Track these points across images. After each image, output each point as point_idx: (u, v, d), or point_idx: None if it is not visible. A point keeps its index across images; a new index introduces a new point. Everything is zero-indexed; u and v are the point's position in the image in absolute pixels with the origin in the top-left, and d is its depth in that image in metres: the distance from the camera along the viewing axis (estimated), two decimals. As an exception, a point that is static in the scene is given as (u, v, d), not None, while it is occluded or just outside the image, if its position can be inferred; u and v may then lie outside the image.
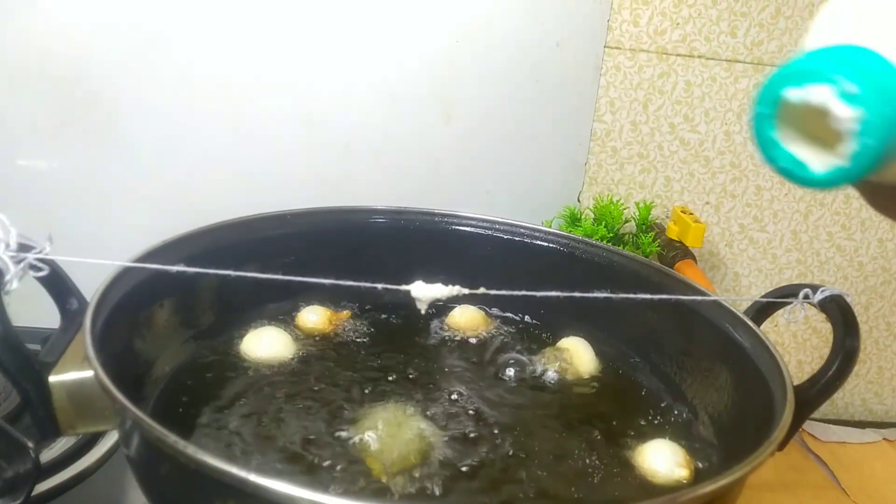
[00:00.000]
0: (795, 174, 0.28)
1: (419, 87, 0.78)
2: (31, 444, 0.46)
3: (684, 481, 0.49)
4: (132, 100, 0.75)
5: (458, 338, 0.64)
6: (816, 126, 0.27)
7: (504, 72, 0.78)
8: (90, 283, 0.47)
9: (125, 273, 0.49)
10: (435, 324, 0.65)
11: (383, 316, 0.65)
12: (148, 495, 0.43)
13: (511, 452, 0.50)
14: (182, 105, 0.76)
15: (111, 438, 0.60)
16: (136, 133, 0.76)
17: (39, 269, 0.44)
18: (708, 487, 0.37)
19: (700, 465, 0.51)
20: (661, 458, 0.49)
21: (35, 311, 0.54)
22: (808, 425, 0.85)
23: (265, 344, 0.57)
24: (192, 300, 0.57)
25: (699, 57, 0.79)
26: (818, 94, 0.27)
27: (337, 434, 0.49)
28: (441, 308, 0.65)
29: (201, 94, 0.76)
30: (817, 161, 0.28)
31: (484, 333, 0.65)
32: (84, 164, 0.77)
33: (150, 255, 0.51)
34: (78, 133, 0.75)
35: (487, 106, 0.79)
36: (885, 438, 0.85)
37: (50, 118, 0.75)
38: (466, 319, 0.65)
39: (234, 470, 0.33)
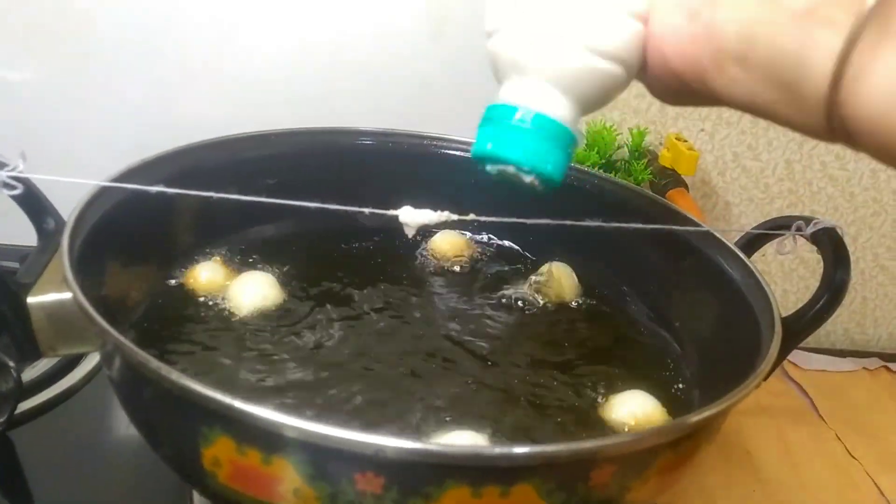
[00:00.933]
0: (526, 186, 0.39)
1: (406, 3, 0.75)
2: (11, 363, 0.46)
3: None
4: (106, 10, 0.72)
5: (442, 265, 0.63)
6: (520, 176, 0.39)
7: (498, -13, 0.75)
8: (67, 201, 0.46)
9: (103, 192, 0.47)
10: (418, 250, 0.64)
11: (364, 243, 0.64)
12: (132, 417, 0.43)
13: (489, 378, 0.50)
14: (159, 16, 0.73)
15: (95, 357, 0.60)
16: (111, 45, 0.73)
17: (13, 188, 0.42)
18: (694, 418, 0.37)
19: (683, 395, 0.52)
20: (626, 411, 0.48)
21: (11, 228, 0.53)
22: (790, 353, 0.86)
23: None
24: (173, 221, 0.56)
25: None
26: (505, 169, 0.38)
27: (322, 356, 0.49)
28: (424, 233, 0.65)
29: (179, 7, 0.72)
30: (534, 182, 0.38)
31: (467, 259, 0.64)
32: (57, 76, 0.74)
33: (128, 175, 0.49)
34: (50, 42, 0.72)
35: (478, 23, 0.76)
36: (864, 367, 0.86)
37: (19, 26, 0.72)
38: (449, 245, 0.64)
39: (218, 396, 0.33)
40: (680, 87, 0.35)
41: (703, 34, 0.31)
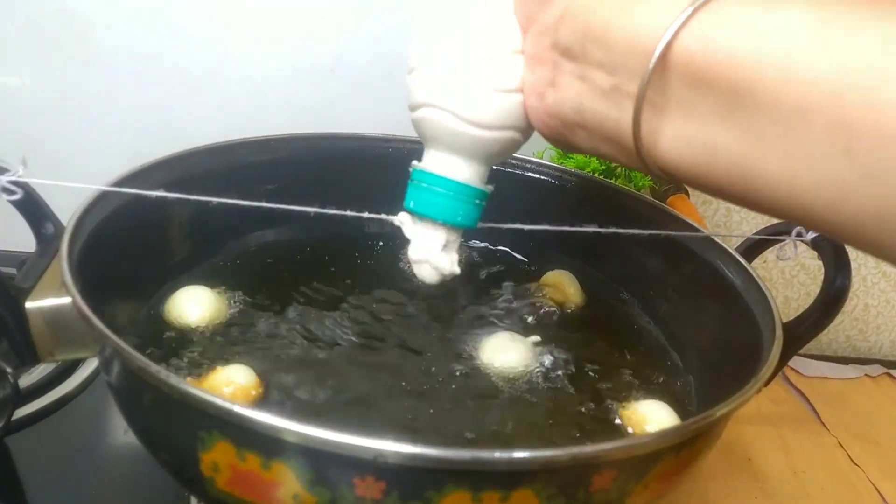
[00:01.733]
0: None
1: (407, 9, 0.75)
2: (9, 369, 0.46)
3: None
4: (106, 17, 0.72)
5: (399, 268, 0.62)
6: None
7: (498, -6, 0.75)
8: (66, 206, 0.46)
9: (102, 197, 0.47)
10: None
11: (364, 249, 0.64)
12: (130, 423, 0.42)
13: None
14: (159, 23, 0.73)
15: (92, 363, 0.60)
16: (111, 52, 0.73)
17: (12, 193, 0.42)
18: (695, 423, 0.36)
19: (685, 400, 0.51)
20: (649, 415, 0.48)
21: (10, 233, 0.53)
22: (791, 360, 0.85)
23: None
24: (172, 227, 0.56)
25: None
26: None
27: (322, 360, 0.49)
28: (379, 236, 0.65)
29: (179, 12, 0.73)
30: None
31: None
32: (58, 83, 0.74)
33: (128, 180, 0.49)
34: (51, 49, 0.72)
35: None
36: (866, 374, 0.86)
37: (21, 34, 0.72)
38: None
39: (218, 401, 0.32)
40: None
41: (552, 109, 0.38)
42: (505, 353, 0.52)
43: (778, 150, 0.28)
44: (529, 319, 0.58)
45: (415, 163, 0.45)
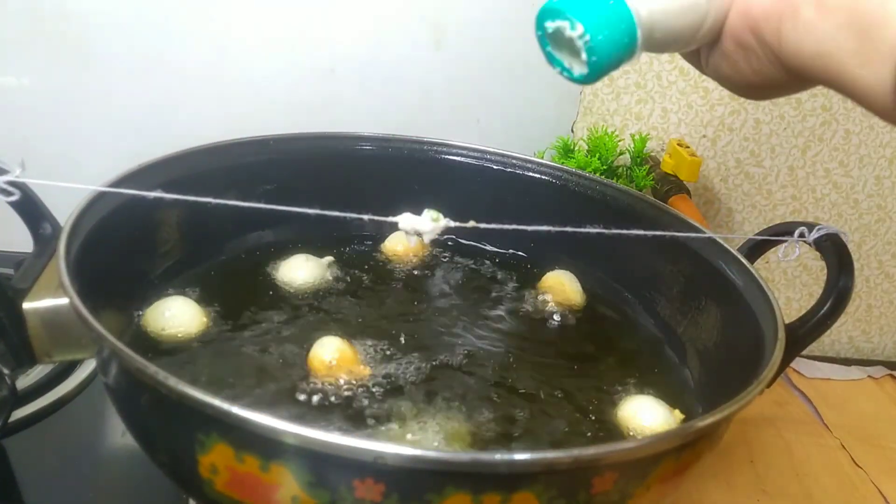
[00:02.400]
0: (565, 75, 0.40)
1: (407, 9, 0.75)
2: (6, 371, 0.45)
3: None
4: (104, 16, 0.72)
5: (400, 266, 0.63)
6: (572, 43, 0.38)
7: (497, -6, 0.75)
8: (63, 206, 0.46)
9: (100, 198, 0.47)
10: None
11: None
12: (128, 424, 0.42)
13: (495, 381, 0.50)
14: (157, 22, 0.72)
15: (90, 364, 0.60)
16: (109, 51, 0.73)
17: (10, 194, 0.42)
18: (696, 425, 0.36)
19: (687, 402, 0.51)
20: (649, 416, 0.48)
21: (7, 234, 0.53)
22: (794, 361, 0.85)
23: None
24: (170, 227, 0.56)
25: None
26: (562, 26, 0.37)
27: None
28: (377, 237, 0.64)
29: (177, 12, 0.72)
30: (576, 66, 0.39)
31: (423, 260, 0.63)
32: (56, 82, 0.73)
33: (125, 180, 0.49)
34: (49, 49, 0.72)
35: (479, 31, 0.76)
36: (869, 376, 0.85)
37: (19, 33, 0.71)
38: (404, 246, 0.63)
39: (216, 402, 0.32)
40: (752, 51, 0.35)
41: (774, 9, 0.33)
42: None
43: None
44: (530, 319, 0.58)
45: None
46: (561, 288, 0.60)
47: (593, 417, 0.48)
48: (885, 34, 0.28)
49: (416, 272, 0.62)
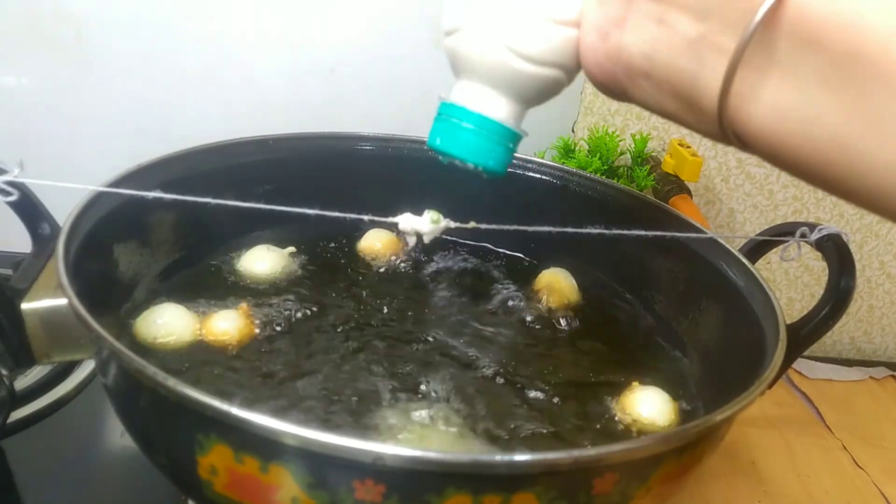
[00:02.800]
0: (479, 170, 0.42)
1: (407, 8, 0.74)
2: (4, 372, 0.45)
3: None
4: (103, 16, 0.72)
5: (377, 264, 0.62)
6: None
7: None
8: (62, 206, 0.46)
9: (99, 198, 0.47)
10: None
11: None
12: (127, 426, 0.42)
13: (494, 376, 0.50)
14: (156, 22, 0.72)
15: (89, 365, 0.60)
16: (108, 51, 0.73)
17: (9, 194, 0.42)
18: (698, 426, 0.36)
19: (686, 403, 0.51)
20: (649, 406, 0.49)
21: (5, 234, 0.53)
22: (795, 362, 0.85)
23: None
24: (169, 227, 0.56)
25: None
26: (455, 161, 0.42)
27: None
28: (351, 236, 0.64)
29: (176, 12, 0.72)
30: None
31: (393, 257, 0.63)
32: (55, 82, 0.73)
33: (124, 180, 0.49)
34: (48, 49, 0.72)
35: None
36: (871, 377, 0.85)
37: (18, 32, 0.71)
38: (382, 244, 0.63)
39: (216, 403, 0.32)
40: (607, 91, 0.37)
41: (614, 52, 0.34)
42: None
43: (893, 129, 0.25)
44: (528, 318, 0.58)
45: (443, 95, 0.42)
46: (556, 286, 0.60)
47: (593, 415, 0.48)
48: (703, 104, 0.31)
49: (411, 270, 0.62)
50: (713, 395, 0.50)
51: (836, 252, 0.50)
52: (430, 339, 0.53)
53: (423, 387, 0.48)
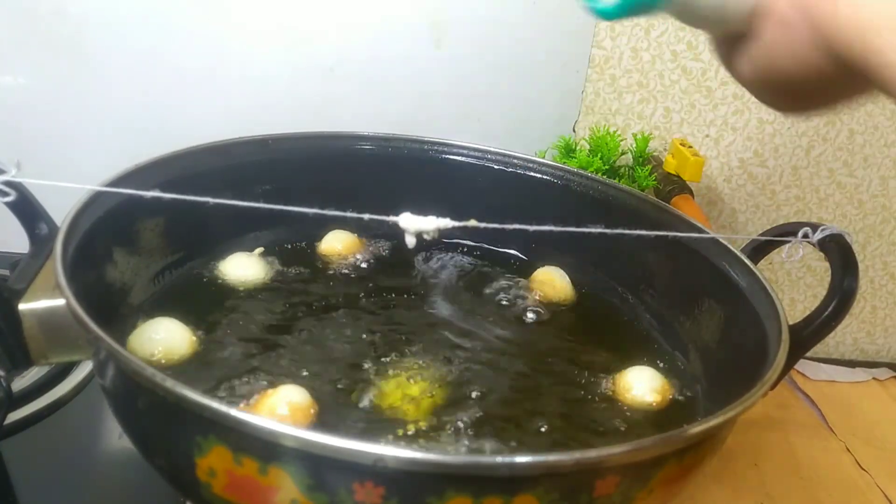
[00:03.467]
0: (590, 9, 0.38)
1: (407, 8, 0.74)
2: (2, 373, 0.45)
3: (654, 405, 0.50)
4: (101, 15, 0.71)
5: (339, 264, 0.62)
6: None
7: (498, -7, 0.75)
8: (60, 206, 0.45)
9: (97, 198, 0.47)
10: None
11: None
12: (124, 427, 0.42)
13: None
14: (155, 22, 0.72)
15: (87, 366, 0.60)
16: (107, 50, 0.72)
17: (6, 194, 0.42)
18: (700, 427, 0.36)
19: (684, 397, 0.51)
20: (638, 383, 0.50)
21: (3, 234, 0.52)
22: (798, 363, 0.84)
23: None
24: (168, 227, 0.55)
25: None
26: None
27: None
28: (312, 236, 0.63)
29: (175, 11, 0.72)
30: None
31: (361, 258, 0.62)
32: (53, 81, 0.73)
33: (122, 180, 0.48)
34: (46, 48, 0.72)
35: (480, 30, 0.76)
36: (874, 378, 0.85)
37: (16, 32, 0.71)
38: (343, 244, 0.62)
39: (214, 404, 0.32)
40: (795, 30, 0.33)
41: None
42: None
43: None
44: (524, 317, 0.58)
45: None
46: (550, 283, 0.60)
47: (601, 415, 0.48)
48: None
49: (412, 271, 0.62)
50: (715, 396, 0.50)
51: (839, 252, 0.50)
52: (427, 336, 0.53)
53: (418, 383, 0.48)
